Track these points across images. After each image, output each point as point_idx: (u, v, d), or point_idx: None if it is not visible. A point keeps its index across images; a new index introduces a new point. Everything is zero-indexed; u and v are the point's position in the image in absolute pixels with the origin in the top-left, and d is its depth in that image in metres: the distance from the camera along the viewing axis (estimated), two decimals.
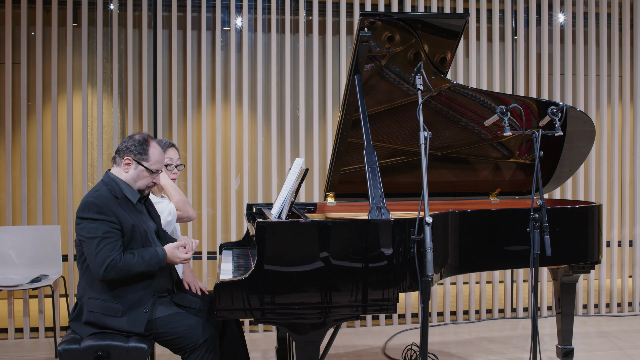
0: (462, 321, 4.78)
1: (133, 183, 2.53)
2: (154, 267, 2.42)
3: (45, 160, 4.49)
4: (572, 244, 3.03)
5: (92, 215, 2.37)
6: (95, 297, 2.42)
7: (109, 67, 4.64)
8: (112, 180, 2.50)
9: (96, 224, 2.36)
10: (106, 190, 2.45)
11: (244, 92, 4.61)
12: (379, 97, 3.14)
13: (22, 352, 4.01)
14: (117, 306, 2.41)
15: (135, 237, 2.46)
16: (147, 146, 2.51)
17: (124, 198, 2.49)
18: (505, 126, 2.63)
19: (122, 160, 2.51)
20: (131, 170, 2.51)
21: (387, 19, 2.71)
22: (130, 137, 2.54)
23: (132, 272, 2.37)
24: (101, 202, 2.40)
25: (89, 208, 2.38)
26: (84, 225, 2.38)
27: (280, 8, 4.69)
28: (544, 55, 4.91)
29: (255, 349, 4.02)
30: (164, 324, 2.42)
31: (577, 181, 4.99)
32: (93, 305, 2.42)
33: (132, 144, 2.50)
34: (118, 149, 2.54)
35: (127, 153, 2.50)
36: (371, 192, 2.41)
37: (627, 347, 4.05)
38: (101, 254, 2.34)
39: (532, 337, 2.54)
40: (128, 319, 2.40)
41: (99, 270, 2.33)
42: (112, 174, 2.53)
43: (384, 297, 2.30)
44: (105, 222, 2.37)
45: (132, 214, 2.48)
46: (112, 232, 2.38)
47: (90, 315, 2.41)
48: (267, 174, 4.75)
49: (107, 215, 2.38)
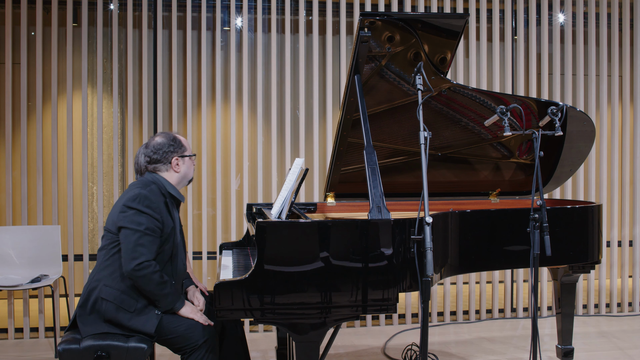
0: (462, 321, 4.78)
1: (182, 180, 2.60)
2: (167, 304, 2.43)
3: (45, 160, 4.49)
4: (572, 244, 3.03)
5: (141, 208, 2.38)
6: (113, 287, 2.41)
7: (109, 67, 4.64)
8: (157, 179, 2.53)
9: (143, 217, 2.38)
10: (156, 187, 2.49)
11: (244, 92, 4.61)
12: (379, 97, 3.14)
13: (22, 352, 4.01)
14: (132, 301, 2.40)
15: (170, 239, 2.49)
16: (178, 140, 2.59)
17: (171, 198, 2.53)
18: (505, 126, 2.63)
19: (169, 165, 2.55)
20: (183, 167, 2.58)
21: (387, 19, 2.71)
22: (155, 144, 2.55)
23: (150, 288, 2.37)
24: (154, 197, 2.43)
25: (140, 200, 2.39)
26: (130, 215, 2.38)
27: (280, 8, 4.69)
28: (544, 55, 4.92)
29: (255, 349, 4.02)
30: (164, 323, 2.42)
31: (577, 181, 4.99)
32: (108, 294, 2.40)
33: (168, 145, 2.55)
34: (153, 159, 2.54)
35: (170, 155, 2.55)
36: (371, 192, 2.41)
37: (627, 347, 4.05)
38: (139, 248, 2.34)
39: (532, 337, 2.54)
40: (139, 318, 2.39)
41: (131, 263, 2.33)
42: (157, 174, 2.55)
43: (384, 297, 2.30)
44: (151, 218, 2.40)
45: (173, 216, 2.53)
46: (154, 230, 2.40)
47: (102, 303, 2.39)
48: (267, 174, 4.75)
49: (154, 211, 2.41)
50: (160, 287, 2.38)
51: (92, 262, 4.61)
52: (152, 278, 2.35)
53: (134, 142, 4.64)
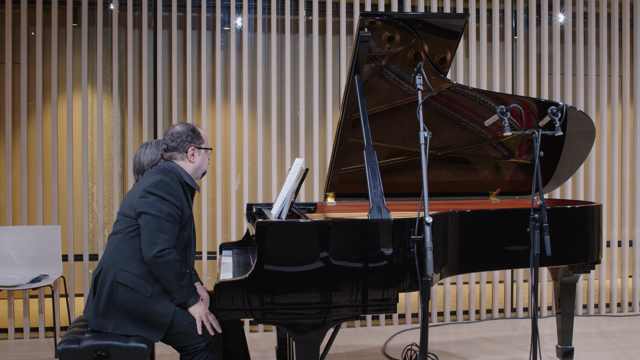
0: (462, 321, 4.78)
1: (196, 171, 2.61)
2: (182, 295, 2.41)
3: (45, 160, 4.49)
4: (572, 244, 3.03)
5: (164, 195, 2.39)
6: (129, 271, 2.40)
7: (109, 67, 4.64)
8: (174, 168, 2.54)
9: (165, 204, 2.38)
10: (174, 175, 2.49)
11: (244, 92, 4.61)
12: (379, 97, 3.14)
13: (22, 352, 4.01)
14: (148, 286, 2.39)
15: (187, 226, 2.50)
16: (197, 131, 2.60)
17: (188, 187, 2.54)
18: (505, 126, 2.63)
19: (185, 154, 2.56)
20: (198, 159, 2.59)
21: (387, 19, 2.71)
22: (174, 132, 2.56)
23: (169, 276, 2.36)
24: (175, 185, 2.44)
25: (162, 186, 2.40)
26: (152, 201, 2.38)
27: (280, 8, 4.69)
28: (544, 55, 4.92)
29: (255, 349, 4.02)
30: (174, 317, 2.41)
31: (577, 181, 4.99)
32: (124, 278, 2.39)
33: (187, 135, 2.56)
34: (170, 146, 2.56)
35: (187, 144, 2.56)
36: (371, 192, 2.41)
37: (627, 347, 4.05)
38: (161, 235, 2.34)
39: (532, 337, 2.54)
40: (156, 304, 2.38)
41: (152, 249, 2.32)
42: (174, 163, 2.56)
43: (384, 297, 2.30)
44: (173, 205, 2.40)
45: (190, 205, 2.55)
46: (175, 218, 2.40)
47: (117, 287, 2.38)
48: (267, 174, 4.75)
49: (176, 199, 2.42)
50: (179, 277, 2.38)
51: (92, 262, 4.61)
52: (172, 266, 2.35)
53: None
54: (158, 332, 2.39)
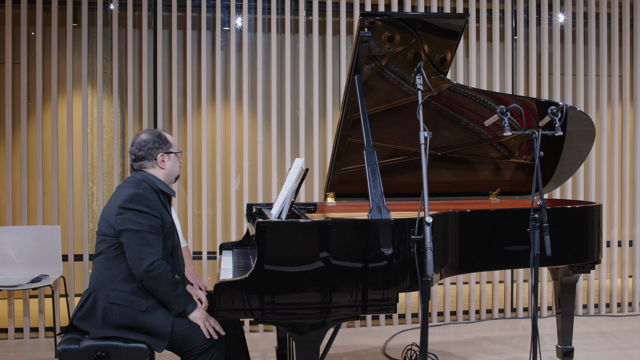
0: (462, 321, 4.78)
1: (168, 176, 2.57)
2: (180, 305, 2.40)
3: (45, 160, 4.49)
4: (572, 244, 3.03)
5: (140, 208, 2.35)
6: (120, 289, 2.37)
7: (109, 67, 4.64)
8: (147, 177, 2.49)
9: (143, 216, 2.35)
10: (147, 185, 2.45)
11: (244, 92, 4.61)
12: (379, 97, 3.14)
13: (22, 352, 4.01)
14: (142, 300, 2.37)
15: (170, 234, 2.47)
16: (163, 136, 2.56)
17: (162, 194, 2.51)
18: (505, 126, 2.63)
19: (154, 161, 2.52)
20: (168, 164, 2.55)
21: (387, 19, 2.71)
22: (140, 141, 2.51)
23: (163, 288, 2.34)
24: (149, 195, 2.40)
25: (137, 200, 2.36)
26: (130, 216, 2.34)
27: (280, 8, 4.69)
28: (544, 55, 4.92)
29: (255, 349, 4.01)
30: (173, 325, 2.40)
31: (577, 181, 4.99)
32: (116, 297, 2.36)
33: (153, 141, 2.51)
34: (138, 156, 2.51)
35: (155, 151, 2.51)
36: (371, 192, 2.41)
37: (627, 347, 4.05)
38: (146, 249, 2.32)
39: (532, 337, 2.54)
40: (153, 316, 2.36)
41: (142, 265, 2.30)
42: (145, 172, 2.52)
43: (384, 297, 2.30)
44: (152, 216, 2.37)
45: (169, 211, 2.52)
46: (157, 228, 2.38)
47: (112, 308, 2.35)
48: (267, 174, 4.75)
49: (153, 209, 2.38)
50: (173, 287, 2.36)
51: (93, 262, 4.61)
52: (166, 277, 2.34)
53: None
54: (161, 342, 2.37)
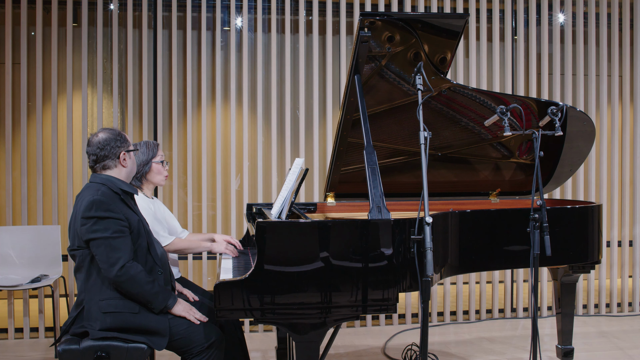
0: (462, 321, 4.78)
1: (129, 175, 2.53)
2: (160, 302, 2.38)
3: (45, 160, 4.49)
4: (572, 244, 3.03)
5: (100, 214, 2.31)
6: (108, 297, 2.36)
7: (109, 67, 4.64)
8: (106, 179, 2.44)
9: (105, 222, 2.31)
10: (107, 188, 2.40)
11: (244, 92, 4.61)
12: (379, 97, 3.14)
13: (22, 352, 4.01)
14: (132, 303, 2.36)
15: (141, 232, 2.43)
16: (123, 135, 2.51)
17: (124, 193, 2.46)
18: (505, 126, 2.63)
19: (117, 160, 2.47)
20: (129, 162, 2.50)
21: (387, 19, 2.71)
22: (101, 140, 2.44)
23: (138, 290, 2.33)
24: (108, 199, 2.35)
25: (96, 206, 2.31)
26: (92, 225, 2.31)
27: (280, 8, 4.69)
28: (544, 55, 4.92)
29: (255, 349, 4.02)
30: (170, 326, 2.40)
31: (577, 181, 4.99)
32: (107, 307, 2.35)
33: (115, 140, 2.46)
34: (100, 156, 2.44)
35: (118, 149, 2.46)
36: (371, 192, 2.41)
37: (627, 347, 4.05)
38: (114, 253, 2.29)
39: (532, 337, 2.54)
40: (148, 315, 2.36)
41: (112, 270, 2.28)
42: (105, 174, 2.47)
43: (384, 297, 2.30)
44: (114, 220, 2.33)
45: (134, 210, 2.47)
46: (122, 231, 2.34)
47: (106, 317, 2.34)
48: (267, 174, 4.75)
49: (115, 212, 2.34)
50: (149, 286, 2.34)
51: None
52: (139, 278, 2.32)
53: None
54: (160, 339, 2.37)
